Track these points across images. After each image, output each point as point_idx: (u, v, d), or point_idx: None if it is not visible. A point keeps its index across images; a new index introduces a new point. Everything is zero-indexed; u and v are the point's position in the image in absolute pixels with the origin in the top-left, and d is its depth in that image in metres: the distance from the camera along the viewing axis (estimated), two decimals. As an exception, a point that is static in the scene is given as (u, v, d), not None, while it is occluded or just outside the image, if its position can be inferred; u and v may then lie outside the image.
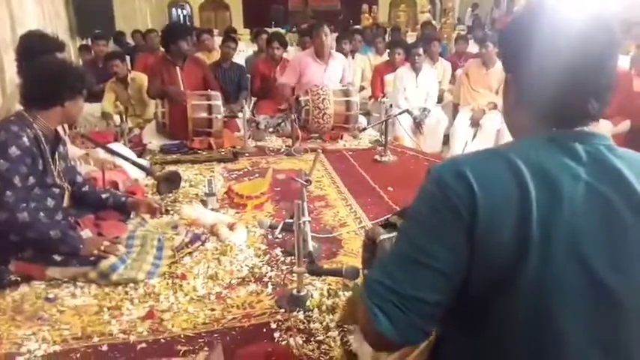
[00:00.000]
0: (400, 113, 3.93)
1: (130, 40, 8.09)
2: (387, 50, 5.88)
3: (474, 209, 0.77)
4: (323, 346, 1.55)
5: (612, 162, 0.81)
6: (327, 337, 1.60)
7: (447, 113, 5.15)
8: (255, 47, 6.59)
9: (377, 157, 3.53)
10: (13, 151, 1.85)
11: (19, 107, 2.38)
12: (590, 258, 0.77)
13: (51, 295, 1.83)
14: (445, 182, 0.81)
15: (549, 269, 0.76)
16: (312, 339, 1.59)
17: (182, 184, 2.94)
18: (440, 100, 5.48)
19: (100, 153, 3.02)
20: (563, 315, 0.77)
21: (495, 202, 0.77)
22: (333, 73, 4.43)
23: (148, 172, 2.98)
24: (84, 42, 6.70)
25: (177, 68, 4.00)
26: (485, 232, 0.77)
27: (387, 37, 8.26)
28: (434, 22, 11.24)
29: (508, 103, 0.92)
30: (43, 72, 2.02)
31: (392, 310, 0.79)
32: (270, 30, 7.50)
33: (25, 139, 1.89)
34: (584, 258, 0.77)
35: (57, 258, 1.91)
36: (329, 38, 4.40)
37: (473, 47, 7.09)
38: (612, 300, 0.78)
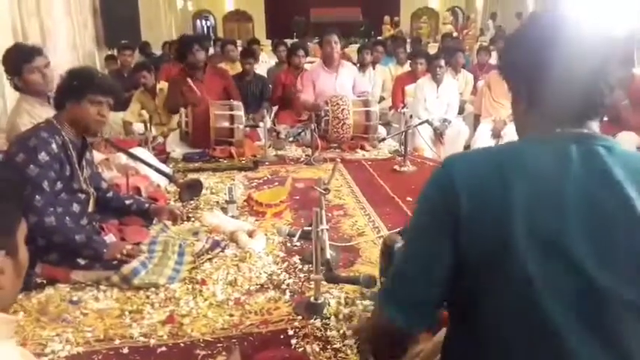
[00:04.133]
0: (420, 124, 3.93)
1: (155, 51, 8.27)
2: (409, 61, 5.90)
3: (456, 209, 0.83)
4: (339, 354, 1.56)
5: (605, 162, 0.83)
6: (344, 345, 1.60)
7: (468, 124, 5.13)
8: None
9: (396, 167, 3.53)
10: (43, 156, 1.91)
11: (21, 121, 2.46)
12: (576, 254, 0.79)
13: (75, 298, 1.87)
14: (433, 185, 0.89)
15: (534, 265, 0.79)
16: (328, 347, 1.59)
17: (203, 191, 2.98)
18: (461, 111, 5.46)
19: (123, 159, 3.08)
20: (554, 310, 0.79)
21: (478, 200, 0.82)
22: (345, 81, 4.44)
23: (171, 178, 3.04)
24: (110, 52, 6.87)
25: (194, 79, 4.07)
26: (468, 229, 0.83)
27: (408, 48, 8.27)
28: (455, 33, 11.22)
29: (519, 108, 0.95)
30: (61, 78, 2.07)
31: (398, 306, 0.91)
32: (290, 41, 7.59)
33: (54, 145, 1.95)
34: (571, 255, 0.79)
35: (81, 262, 1.96)
36: (338, 46, 4.40)
37: (495, 58, 7.06)
38: (602, 295, 0.80)
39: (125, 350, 1.59)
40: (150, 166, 2.99)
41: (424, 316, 0.91)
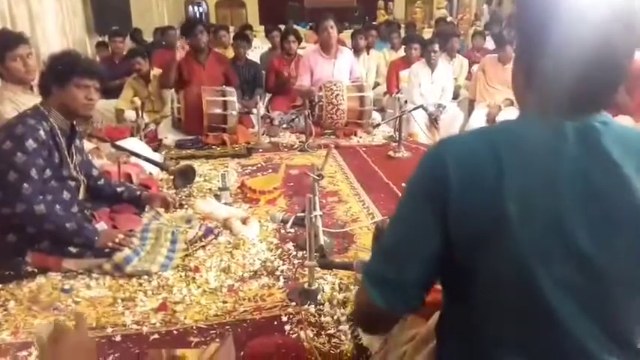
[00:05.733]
0: (415, 109, 3.90)
1: (146, 38, 8.16)
2: (403, 46, 5.85)
3: (445, 187, 0.81)
4: (333, 340, 1.56)
5: (601, 138, 0.81)
6: (338, 330, 1.60)
7: (462, 109, 5.10)
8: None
9: (391, 153, 3.52)
10: (30, 144, 1.88)
11: (4, 109, 2.42)
12: (571, 233, 0.78)
13: (67, 286, 1.86)
14: (423, 164, 0.87)
15: (528, 243, 0.78)
16: (322, 332, 1.59)
17: (196, 178, 2.96)
18: (456, 96, 5.44)
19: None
20: (549, 289, 0.78)
21: (469, 178, 0.80)
22: (343, 67, 4.42)
23: (162, 167, 3.01)
24: (101, 39, 6.77)
25: (197, 62, 4.06)
26: (459, 207, 0.81)
27: (402, 33, 8.21)
28: (450, 18, 11.14)
29: (517, 80, 0.91)
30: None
31: (382, 288, 0.88)
32: (284, 27, 7.51)
33: (41, 132, 1.91)
34: (565, 231, 0.78)
35: (72, 250, 1.94)
36: (335, 31, 4.36)
37: (490, 43, 7.02)
38: (596, 273, 0.79)
39: (118, 338, 1.59)
40: (139, 156, 2.96)
41: (408, 298, 0.88)
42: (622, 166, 0.79)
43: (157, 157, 3.26)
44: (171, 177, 2.90)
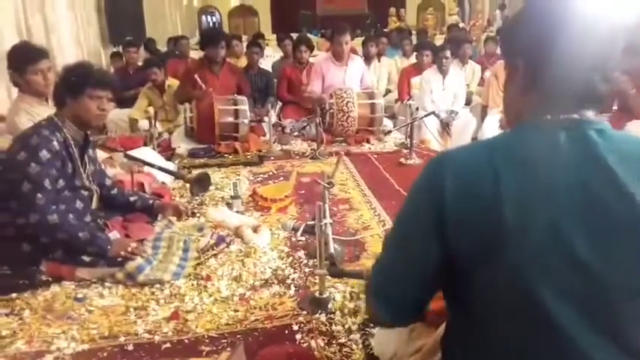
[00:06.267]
0: (426, 115, 3.90)
1: (160, 47, 8.26)
2: (415, 53, 5.85)
3: (443, 197, 0.82)
4: (345, 349, 1.55)
5: (597, 146, 0.81)
6: (349, 339, 1.59)
7: (475, 115, 5.08)
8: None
9: (402, 160, 3.51)
10: (44, 154, 1.91)
11: (19, 120, 2.46)
12: (569, 240, 0.78)
13: (80, 295, 1.87)
14: (422, 177, 0.88)
15: (527, 252, 0.78)
16: (333, 341, 1.59)
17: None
18: (468, 102, 5.42)
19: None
20: (549, 296, 0.78)
21: (467, 188, 0.81)
22: (354, 75, 4.43)
23: (177, 176, 3.04)
24: (115, 49, 6.87)
25: (211, 73, 4.10)
26: (457, 216, 0.81)
27: (414, 40, 8.21)
28: (462, 24, 11.12)
29: (514, 91, 0.93)
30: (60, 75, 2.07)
31: (384, 301, 0.90)
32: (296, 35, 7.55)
33: (55, 142, 1.94)
34: (565, 240, 0.78)
35: (86, 259, 1.95)
36: (349, 46, 4.41)
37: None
38: (596, 280, 0.78)
39: (130, 347, 1.59)
40: (153, 166, 2.99)
41: (409, 311, 0.90)
42: (619, 173, 0.79)
43: (171, 166, 3.28)
44: (187, 185, 2.93)
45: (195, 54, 5.57)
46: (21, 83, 2.55)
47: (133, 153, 3.13)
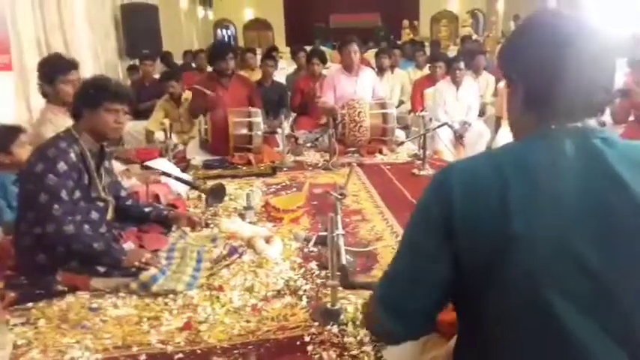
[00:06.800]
0: (439, 126, 3.89)
1: (176, 60, 8.38)
2: (428, 64, 5.86)
3: (451, 208, 0.82)
4: (356, 361, 1.54)
5: (603, 155, 0.82)
6: (361, 351, 1.58)
7: (489, 126, 5.06)
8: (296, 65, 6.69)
9: (415, 170, 3.50)
10: (62, 166, 1.94)
11: (45, 130, 2.53)
12: (578, 249, 0.77)
13: (94, 305, 1.89)
14: (429, 188, 0.88)
15: (537, 262, 0.77)
16: (345, 353, 1.58)
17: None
18: (482, 113, 5.40)
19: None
20: (562, 306, 0.77)
21: (474, 197, 0.81)
22: (365, 85, 4.45)
23: (194, 186, 3.07)
24: (132, 62, 6.98)
25: (220, 86, 4.13)
26: (465, 227, 0.81)
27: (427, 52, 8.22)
28: (475, 36, 11.12)
29: (515, 109, 0.94)
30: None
31: (394, 314, 0.89)
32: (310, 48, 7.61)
33: (72, 154, 1.98)
34: (574, 250, 0.77)
35: (100, 269, 1.98)
36: (358, 55, 4.42)
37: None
38: (608, 289, 0.78)
39: (143, 357, 1.60)
40: (170, 176, 3.02)
41: (421, 322, 0.89)
42: (626, 180, 0.79)
43: (186, 177, 3.31)
44: (203, 195, 2.95)
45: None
46: (50, 93, 2.64)
47: (149, 164, 3.17)
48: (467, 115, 4.75)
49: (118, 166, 3.06)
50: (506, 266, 0.79)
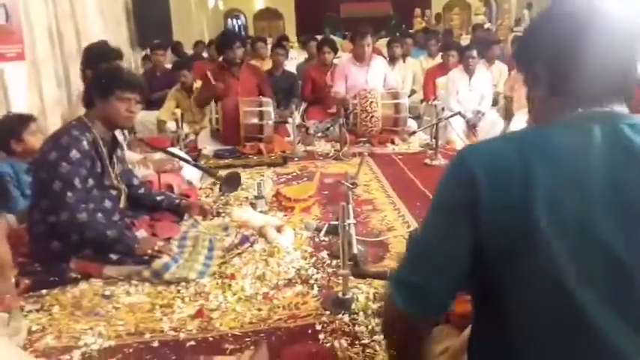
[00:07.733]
0: (452, 116, 3.86)
1: (186, 50, 8.37)
2: (440, 53, 5.80)
3: (474, 191, 0.79)
4: (368, 350, 1.54)
5: (630, 140, 0.79)
6: (373, 340, 1.58)
7: (502, 116, 5.01)
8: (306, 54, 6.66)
9: (427, 160, 3.48)
10: (74, 154, 1.95)
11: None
12: (603, 236, 0.75)
13: (107, 293, 1.91)
14: (450, 173, 0.86)
15: (560, 249, 0.75)
16: (356, 342, 1.58)
17: (234, 187, 3.01)
18: (495, 102, 5.34)
19: (158, 155, 3.13)
20: (584, 295, 0.75)
21: (497, 180, 0.79)
22: (376, 74, 4.42)
23: (210, 173, 3.08)
24: (143, 52, 6.99)
25: (230, 75, 4.13)
26: (489, 210, 0.79)
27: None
28: (488, 24, 10.98)
29: (539, 97, 0.92)
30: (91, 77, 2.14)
31: (412, 291, 0.86)
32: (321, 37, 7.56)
33: (84, 142, 1.99)
34: (599, 235, 0.75)
35: (113, 257, 1.99)
36: (370, 48, 4.41)
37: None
38: (629, 278, 0.76)
39: (155, 344, 1.62)
40: (188, 162, 3.04)
41: (430, 305, 0.87)
42: None
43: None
44: (218, 183, 2.97)
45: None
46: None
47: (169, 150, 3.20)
48: (480, 104, 4.70)
49: (135, 155, 3.06)
50: (528, 255, 0.77)
